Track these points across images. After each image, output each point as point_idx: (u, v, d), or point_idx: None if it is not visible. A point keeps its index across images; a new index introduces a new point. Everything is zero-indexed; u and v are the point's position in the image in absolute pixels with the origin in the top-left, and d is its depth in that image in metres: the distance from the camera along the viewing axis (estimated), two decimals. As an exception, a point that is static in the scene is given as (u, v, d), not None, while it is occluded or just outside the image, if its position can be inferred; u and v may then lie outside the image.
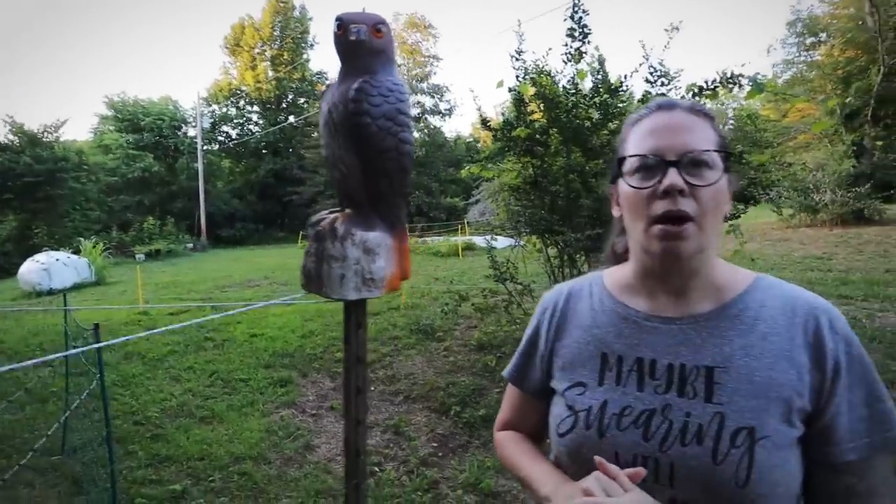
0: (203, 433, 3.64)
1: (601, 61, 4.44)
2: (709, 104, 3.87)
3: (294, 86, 34.07)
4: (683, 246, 0.65)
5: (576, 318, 0.80)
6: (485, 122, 4.59)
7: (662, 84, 3.96)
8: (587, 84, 4.32)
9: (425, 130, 28.07)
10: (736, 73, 3.73)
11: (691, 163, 0.66)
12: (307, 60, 34.80)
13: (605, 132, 4.01)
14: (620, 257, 0.85)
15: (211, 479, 2.99)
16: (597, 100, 4.10)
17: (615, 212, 0.79)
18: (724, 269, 0.73)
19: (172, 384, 4.77)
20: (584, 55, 4.16)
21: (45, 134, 21.36)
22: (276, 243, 29.02)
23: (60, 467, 3.23)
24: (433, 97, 28.69)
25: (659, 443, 0.65)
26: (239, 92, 33.68)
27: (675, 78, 3.91)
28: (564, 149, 3.69)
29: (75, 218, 22.38)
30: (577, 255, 4.22)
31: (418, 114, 28.92)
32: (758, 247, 11.16)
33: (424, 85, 28.16)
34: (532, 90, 4.02)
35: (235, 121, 33.84)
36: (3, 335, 7.19)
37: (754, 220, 15.83)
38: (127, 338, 3.72)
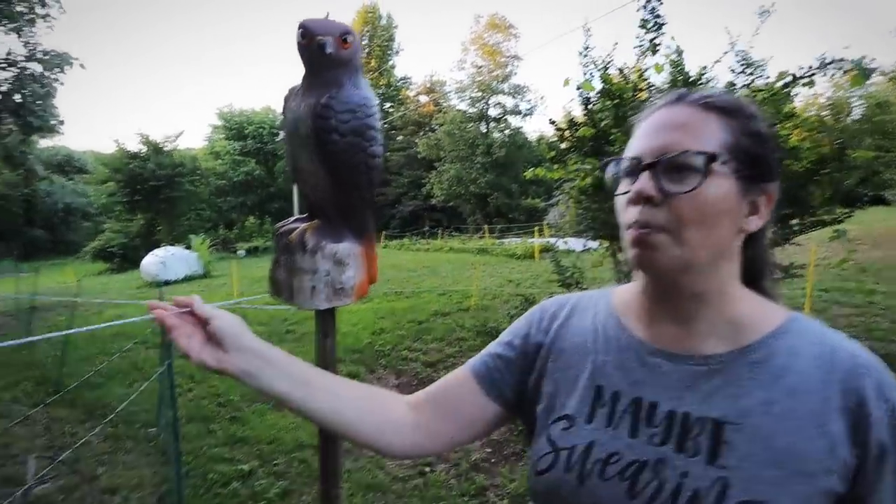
0: (274, 419, 3.92)
1: (679, 52, 4.16)
2: (801, 91, 3.49)
3: (380, 91, 35.46)
4: (655, 256, 0.56)
5: (573, 338, 0.69)
6: (552, 122, 4.49)
7: (750, 73, 3.63)
8: (664, 78, 4.07)
9: (506, 132, 27.87)
10: (837, 57, 3.33)
11: (669, 166, 0.56)
12: (393, 67, 36.08)
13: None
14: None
15: (275, 462, 3.22)
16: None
17: None
18: (747, 303, 0.61)
19: (254, 372, 5.17)
20: (658, 47, 3.93)
21: (166, 143, 24.10)
22: (361, 242, 30.36)
23: (155, 439, 3.63)
24: (514, 98, 28.46)
25: (646, 502, 0.55)
26: (331, 99, 35.66)
27: (761, 66, 3.57)
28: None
29: (190, 217, 25.01)
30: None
31: (499, 114, 28.81)
32: (882, 255, 9.74)
33: (505, 86, 27.99)
34: (597, 87, 3.87)
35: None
36: (127, 318, 8.23)
37: (883, 223, 13.91)
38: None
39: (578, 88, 4.17)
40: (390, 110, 35.66)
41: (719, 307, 0.59)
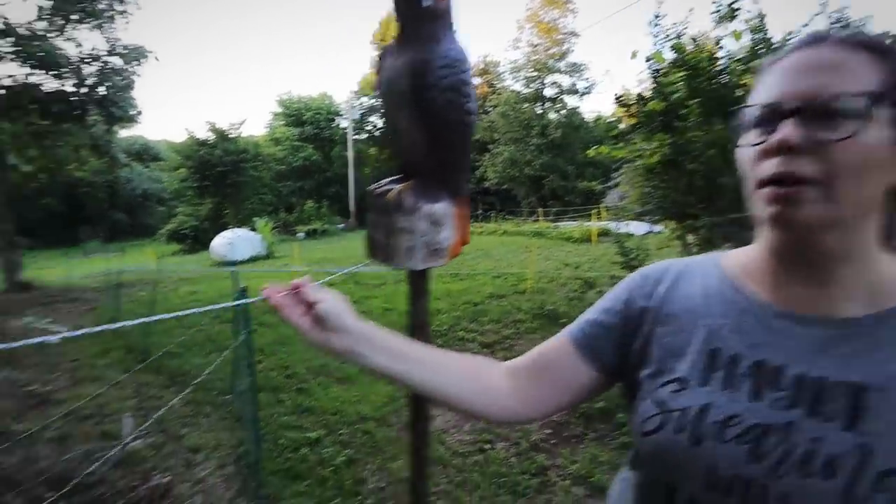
0: (338, 392, 4.08)
1: (761, 17, 3.86)
2: None
3: (434, 74, 35.45)
4: (798, 212, 0.51)
5: (683, 302, 0.66)
6: (618, 99, 4.31)
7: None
8: (744, 45, 3.79)
9: (563, 112, 27.02)
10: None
11: (819, 112, 0.51)
12: (448, 48, 35.86)
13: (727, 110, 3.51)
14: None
15: (340, 432, 3.35)
16: (755, 62, 3.58)
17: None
18: (887, 264, 0.57)
19: (314, 352, 5.39)
20: (737, 13, 3.66)
21: (232, 130, 25.26)
22: (415, 226, 30.77)
23: (230, 405, 3.88)
24: (570, 76, 27.47)
25: (772, 466, 0.52)
26: (385, 83, 36.02)
27: (860, 27, 3.24)
28: (705, 121, 3.31)
29: (253, 201, 26.22)
30: (720, 243, 3.79)
31: (555, 94, 27.94)
32: None
33: (562, 64, 27.04)
34: (669, 58, 3.67)
35: (382, 111, 36.38)
36: (199, 296, 8.81)
37: None
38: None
39: (648, 60, 3.97)
40: (444, 93, 35.61)
41: (859, 268, 0.55)
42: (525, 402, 0.72)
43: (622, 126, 4.41)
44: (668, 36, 3.77)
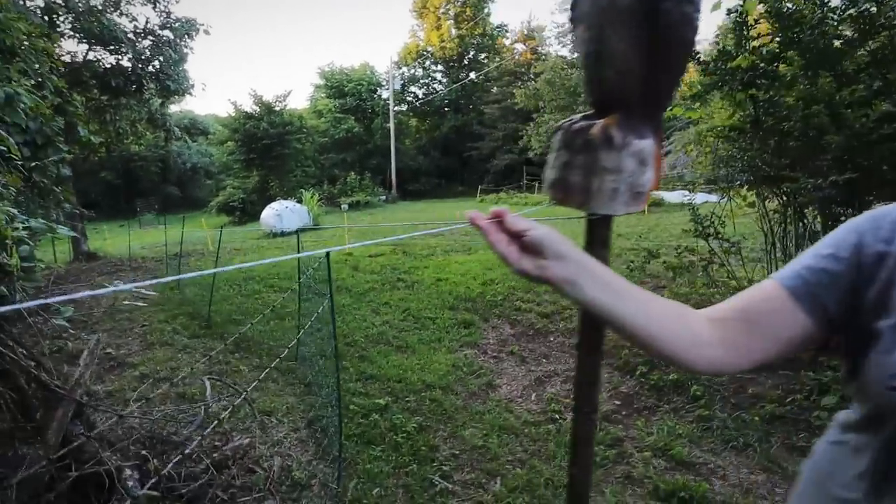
0: (399, 360, 4.08)
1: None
2: None
3: (475, 41, 34.42)
4: None
5: None
6: (693, 56, 3.98)
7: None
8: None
9: (611, 76, 25.74)
10: None
11: None
12: (488, 14, 34.70)
13: (864, 52, 3.14)
14: None
15: (407, 399, 3.35)
16: (852, 11, 3.21)
17: None
18: None
19: (373, 315, 5.43)
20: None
21: (277, 103, 25.54)
22: (455, 197, 30.56)
23: (295, 371, 3.95)
24: (622, 38, 26.03)
25: None
26: (425, 53, 35.37)
27: None
28: (805, 75, 2.99)
29: (297, 173, 26.64)
30: (809, 209, 3.50)
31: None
32: None
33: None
34: (760, 8, 3.33)
35: (422, 81, 35.83)
36: (252, 268, 9.03)
37: None
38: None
39: (732, 13, 3.63)
40: (484, 61, 34.63)
41: None
42: (732, 351, 0.68)
43: (693, 84, 4.08)
44: None
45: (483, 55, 34.81)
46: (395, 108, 30.69)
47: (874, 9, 3.13)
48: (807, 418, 2.88)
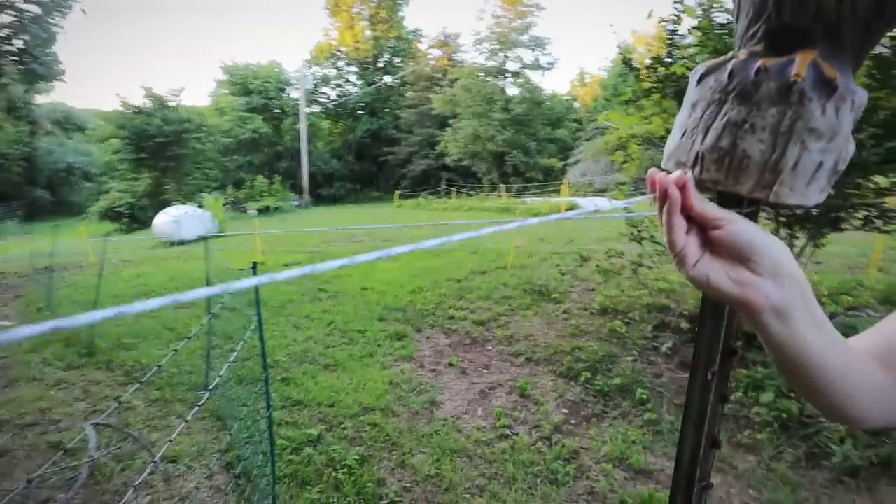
0: (329, 380, 3.67)
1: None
2: None
3: (391, 45, 34.09)
4: None
5: None
6: (627, 62, 4.03)
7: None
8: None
9: (525, 86, 26.68)
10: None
11: None
12: (403, 18, 34.55)
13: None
14: None
15: (343, 426, 2.97)
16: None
17: None
18: None
19: (294, 331, 4.93)
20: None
21: (171, 98, 23.30)
22: (371, 202, 29.93)
23: (208, 402, 3.39)
24: (533, 50, 27.08)
25: None
26: (338, 53, 34.39)
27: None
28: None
29: (196, 176, 24.48)
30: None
31: (518, 69, 27.53)
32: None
33: (525, 38, 26.57)
34: (694, 17, 3.40)
35: (335, 82, 34.77)
36: (145, 279, 7.97)
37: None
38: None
39: (662, 22, 3.71)
40: (400, 65, 34.39)
41: None
42: None
43: (587, 104, 4.16)
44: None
45: (398, 59, 34.53)
46: (307, 109, 29.38)
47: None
48: (747, 415, 2.94)
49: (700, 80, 0.48)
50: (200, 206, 15.92)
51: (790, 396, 2.91)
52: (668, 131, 3.14)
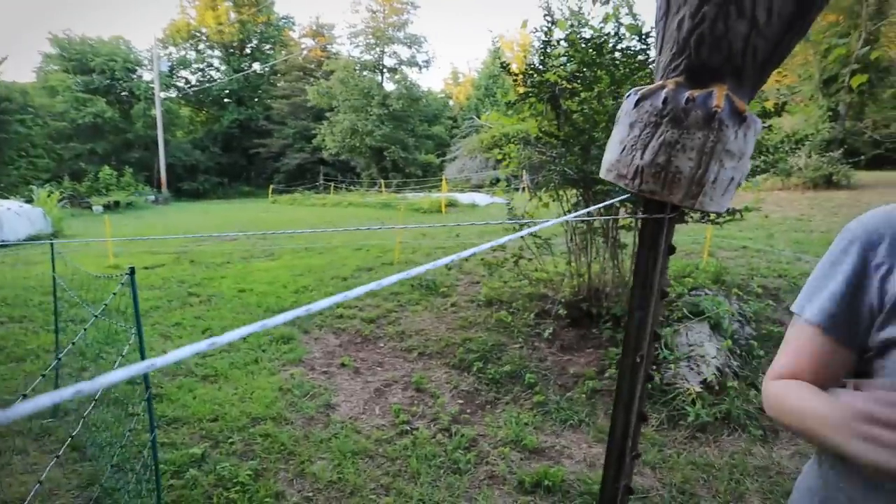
0: (209, 392, 3.37)
1: (629, 5, 4.14)
2: None
3: (259, 31, 31.91)
4: None
5: None
6: (504, 67, 4.26)
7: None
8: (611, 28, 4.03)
9: (402, 83, 26.75)
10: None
11: None
12: (272, 3, 32.53)
13: (634, 81, 3.77)
14: None
15: (230, 440, 2.75)
16: (622, 45, 3.83)
17: None
18: None
19: (162, 341, 4.44)
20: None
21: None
22: (242, 197, 27.86)
23: (55, 431, 2.91)
24: (410, 48, 27.25)
25: None
26: (198, 34, 31.31)
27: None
28: (611, 92, 3.43)
29: (21, 165, 20.71)
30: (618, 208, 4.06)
31: (395, 65, 27.50)
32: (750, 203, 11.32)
33: (401, 34, 26.61)
34: (560, 32, 3.72)
35: (195, 66, 31.61)
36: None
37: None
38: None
39: (537, 31, 3.99)
40: (270, 52, 32.39)
41: None
42: None
43: (461, 103, 4.41)
44: (550, 12, 3.82)
45: (268, 46, 32.45)
46: (163, 94, 26.34)
47: (640, 45, 3.77)
48: (617, 389, 3.31)
49: (637, 104, 0.55)
50: (29, 202, 13.47)
51: (653, 369, 3.35)
52: (543, 132, 3.39)
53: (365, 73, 25.90)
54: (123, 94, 26.99)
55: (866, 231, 0.65)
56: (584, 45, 3.58)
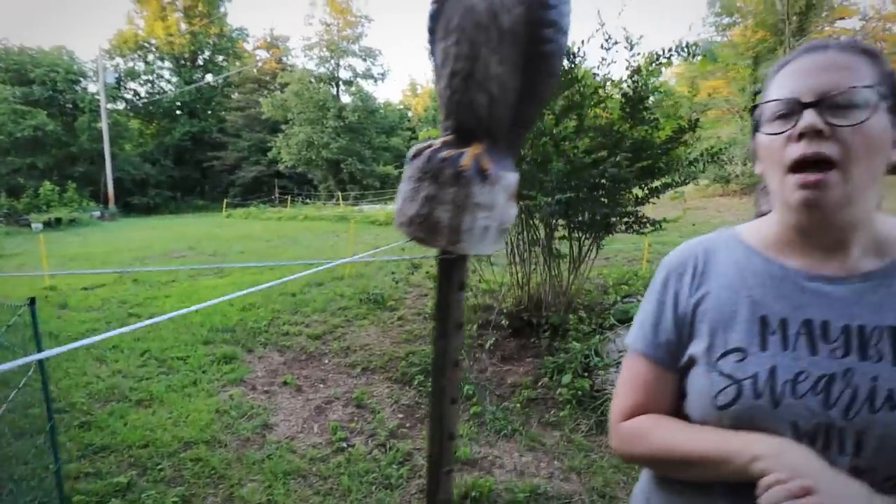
0: (142, 418, 3.29)
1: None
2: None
3: (211, 42, 31.27)
4: (825, 196, 0.59)
5: (718, 278, 0.71)
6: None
7: (618, 51, 3.95)
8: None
9: (357, 95, 26.70)
10: (689, 42, 3.78)
11: (834, 104, 0.60)
12: (225, 14, 31.99)
13: (564, 98, 3.95)
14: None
15: (160, 467, 2.70)
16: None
17: (757, 168, 0.73)
18: (883, 222, 0.67)
19: (97, 366, 4.28)
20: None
21: None
22: (195, 212, 27.06)
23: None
24: (365, 60, 27.32)
25: (843, 410, 0.59)
26: (147, 45, 30.41)
27: (636, 44, 3.89)
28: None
29: (-50, 182, 19.46)
30: (536, 221, 4.21)
31: (350, 77, 27.48)
32: (678, 213, 11.88)
33: (356, 47, 26.64)
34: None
35: (144, 77, 30.65)
36: None
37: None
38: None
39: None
40: (223, 64, 31.77)
41: (868, 230, 0.65)
42: None
43: (419, 114, 4.53)
44: None
45: (221, 57, 31.83)
46: (110, 106, 25.38)
47: (568, 65, 3.97)
48: (553, 396, 3.43)
49: (412, 159, 0.64)
50: (-43, 221, 12.68)
51: (584, 375, 3.49)
52: None
53: (320, 85, 25.74)
54: (67, 106, 25.87)
55: (674, 263, 0.76)
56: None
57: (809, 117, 0.59)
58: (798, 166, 0.61)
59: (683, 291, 0.73)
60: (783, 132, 0.62)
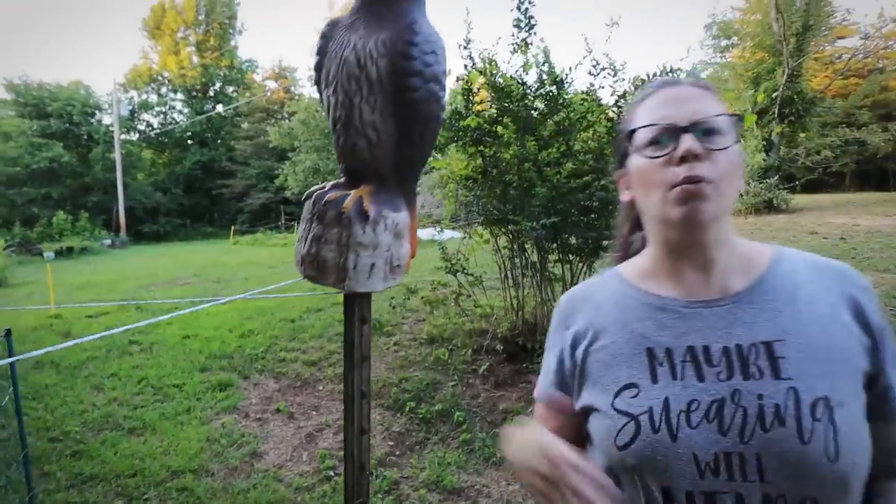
0: (133, 447, 3.31)
1: (546, 53, 4.45)
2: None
3: (222, 73, 32.21)
4: (704, 207, 0.62)
5: (600, 318, 0.73)
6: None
7: (605, 77, 4.03)
8: (532, 75, 4.32)
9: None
10: (675, 67, 3.86)
11: (704, 130, 0.64)
12: (235, 47, 33.02)
13: (552, 123, 4.03)
14: (634, 253, 0.81)
15: (146, 496, 2.71)
16: (542, 91, 4.10)
17: (624, 197, 0.76)
18: (743, 242, 0.71)
19: (94, 394, 4.33)
20: (529, 46, 4.15)
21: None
22: (204, 239, 27.43)
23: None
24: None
25: (738, 434, 0.59)
26: (160, 78, 31.39)
27: (620, 70, 3.98)
28: (517, 138, 3.67)
29: (-34, 213, 19.98)
30: (529, 245, 4.24)
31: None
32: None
33: (362, 75, 27.24)
34: (481, 79, 3.96)
35: (157, 108, 31.56)
36: None
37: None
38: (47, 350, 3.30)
39: (458, 80, 4.24)
40: (233, 94, 32.64)
41: (731, 248, 0.68)
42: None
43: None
44: (473, 60, 4.07)
45: (231, 88, 32.74)
46: (123, 137, 26.08)
47: (556, 90, 4.06)
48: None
49: (304, 201, 0.68)
50: (-28, 251, 12.99)
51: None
52: (476, 171, 3.57)
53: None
54: (82, 137, 26.61)
55: (566, 308, 0.78)
56: (493, 94, 3.83)
57: (689, 141, 0.63)
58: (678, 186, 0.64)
59: (567, 339, 0.75)
60: (662, 155, 0.65)
